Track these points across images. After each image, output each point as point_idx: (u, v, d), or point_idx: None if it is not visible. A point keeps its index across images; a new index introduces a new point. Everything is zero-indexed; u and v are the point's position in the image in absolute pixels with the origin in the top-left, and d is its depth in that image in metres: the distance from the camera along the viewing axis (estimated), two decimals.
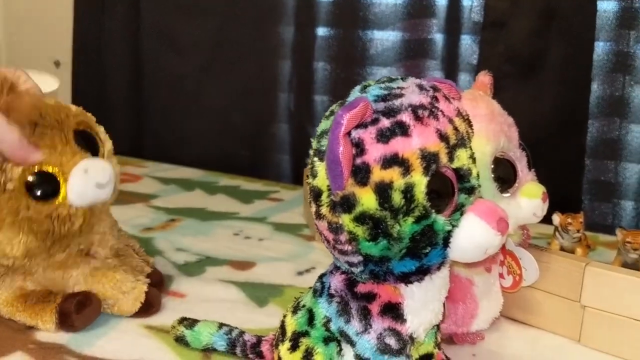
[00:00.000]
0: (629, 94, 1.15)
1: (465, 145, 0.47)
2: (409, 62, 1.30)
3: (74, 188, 0.61)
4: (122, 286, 0.68)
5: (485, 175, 0.58)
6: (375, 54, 1.32)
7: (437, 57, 1.28)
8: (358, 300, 0.50)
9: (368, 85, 0.48)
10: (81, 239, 0.67)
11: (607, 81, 1.16)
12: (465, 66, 1.25)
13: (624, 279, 0.62)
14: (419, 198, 0.44)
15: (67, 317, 0.64)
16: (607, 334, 0.64)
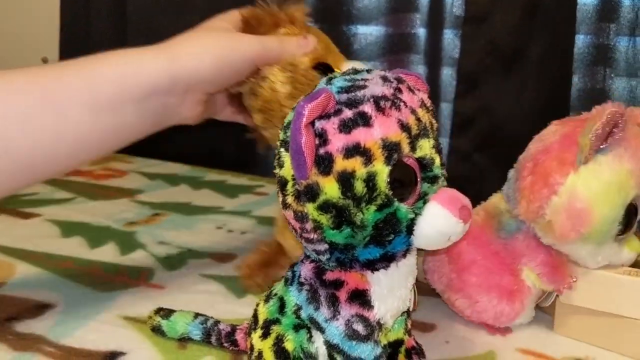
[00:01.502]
0: (609, 86, 1.16)
1: (428, 135, 0.48)
2: (392, 56, 1.31)
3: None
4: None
5: (617, 216, 0.59)
6: (359, 49, 1.33)
7: (420, 51, 1.29)
8: (326, 287, 0.51)
9: (333, 78, 0.49)
10: None
11: (588, 74, 1.18)
12: (448, 60, 1.26)
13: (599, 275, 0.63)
14: (381, 187, 0.45)
15: None
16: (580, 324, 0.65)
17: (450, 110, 1.26)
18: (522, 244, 0.64)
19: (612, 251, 0.62)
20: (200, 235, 0.95)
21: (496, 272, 0.65)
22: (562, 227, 0.59)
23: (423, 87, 0.53)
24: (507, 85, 1.20)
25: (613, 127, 0.58)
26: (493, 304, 0.65)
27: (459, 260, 0.67)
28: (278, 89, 0.69)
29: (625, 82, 1.15)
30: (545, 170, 0.60)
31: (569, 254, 0.62)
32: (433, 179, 0.48)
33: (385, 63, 1.32)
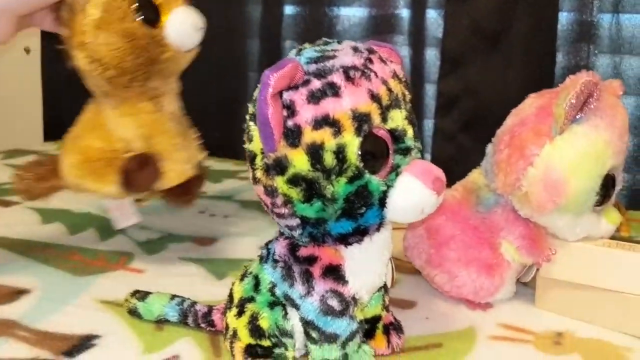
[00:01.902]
0: (593, 63, 1.16)
1: (400, 106, 0.47)
2: (376, 37, 1.30)
3: (175, 23, 0.68)
4: (177, 149, 0.71)
5: (594, 186, 0.58)
6: (342, 30, 1.31)
7: (404, 32, 1.28)
8: (300, 263, 0.50)
9: (303, 49, 0.48)
10: (157, 83, 0.71)
11: (572, 51, 1.17)
12: (432, 40, 1.25)
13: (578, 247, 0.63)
14: (351, 159, 0.44)
15: (131, 176, 0.68)
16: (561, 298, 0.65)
17: (435, 91, 1.25)
18: (501, 218, 0.64)
19: (590, 222, 0.62)
20: (182, 219, 0.94)
21: (475, 247, 0.64)
22: (539, 198, 0.58)
23: (396, 59, 0.52)
24: (491, 64, 1.19)
25: (588, 96, 0.57)
26: (472, 279, 0.64)
27: (438, 236, 0.66)
28: (88, 11, 0.66)
29: (609, 59, 1.14)
30: (522, 142, 0.60)
31: (547, 225, 0.62)
32: (405, 150, 0.47)
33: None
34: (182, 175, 0.71)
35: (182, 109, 0.79)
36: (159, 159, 0.71)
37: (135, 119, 0.71)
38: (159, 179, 0.70)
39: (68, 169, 0.72)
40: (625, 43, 1.12)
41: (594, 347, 0.59)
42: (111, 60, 0.67)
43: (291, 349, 0.53)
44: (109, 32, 0.66)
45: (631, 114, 1.13)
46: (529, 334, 0.62)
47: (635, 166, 1.14)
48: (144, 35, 0.67)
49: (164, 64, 0.70)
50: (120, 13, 0.66)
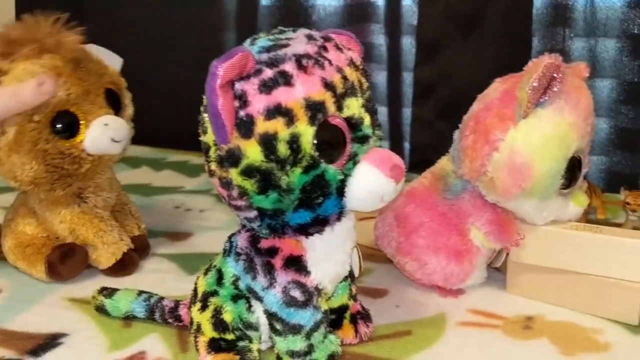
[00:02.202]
0: (569, 47, 1.15)
1: (356, 94, 0.47)
2: (353, 26, 1.29)
3: (92, 136, 0.68)
4: (103, 236, 0.72)
5: (559, 169, 0.58)
6: (318, 20, 1.30)
7: (380, 20, 1.27)
8: (262, 256, 0.50)
9: (258, 38, 0.48)
10: (81, 183, 0.72)
11: (548, 35, 1.16)
12: (407, 28, 1.24)
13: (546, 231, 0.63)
14: (306, 148, 0.44)
15: (54, 267, 0.69)
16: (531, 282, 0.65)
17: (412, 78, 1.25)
18: (468, 204, 0.64)
19: (557, 206, 0.61)
20: (157, 215, 0.93)
21: (444, 234, 0.64)
22: (504, 183, 0.58)
23: (356, 47, 0.51)
24: (466, 50, 1.18)
25: (551, 79, 0.57)
26: (442, 265, 0.64)
27: (407, 224, 0.66)
28: (5, 130, 0.65)
29: (584, 42, 1.14)
30: (486, 127, 0.59)
31: (515, 210, 0.62)
32: (363, 139, 0.47)
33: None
34: (116, 254, 0.72)
35: (118, 188, 0.80)
36: (84, 249, 0.72)
37: (58, 215, 0.72)
38: (83, 268, 0.72)
39: (6, 251, 0.73)
40: (600, 25, 1.11)
41: (563, 331, 0.59)
42: (25, 178, 0.67)
43: (256, 341, 0.52)
44: (20, 154, 0.65)
45: (607, 96, 1.13)
46: (499, 319, 0.61)
47: (613, 148, 1.14)
48: (59, 153, 0.67)
49: (83, 174, 0.70)
50: (35, 134, 0.65)
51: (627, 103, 1.11)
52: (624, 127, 1.12)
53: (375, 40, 1.29)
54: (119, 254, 0.72)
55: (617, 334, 0.59)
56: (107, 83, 0.72)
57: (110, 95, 0.72)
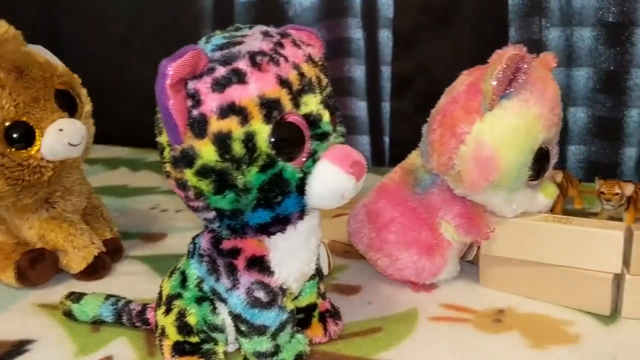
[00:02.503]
0: (546, 36, 1.15)
1: (314, 90, 0.46)
2: (329, 21, 1.28)
3: (48, 144, 0.66)
4: (74, 240, 0.71)
5: (526, 161, 0.58)
6: (294, 15, 1.29)
7: (357, 14, 1.26)
8: (224, 257, 0.49)
9: (213, 36, 0.47)
10: (47, 189, 0.71)
11: (524, 26, 1.16)
12: (384, 21, 1.23)
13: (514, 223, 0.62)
14: (262, 147, 0.43)
15: (23, 273, 0.68)
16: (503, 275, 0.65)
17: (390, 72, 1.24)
18: (438, 198, 0.63)
19: (526, 198, 0.61)
20: (132, 217, 0.93)
21: (414, 228, 0.64)
22: (472, 176, 0.58)
23: (317, 43, 0.50)
24: (443, 42, 1.18)
25: (515, 71, 0.56)
26: (413, 260, 0.64)
27: (378, 219, 0.65)
28: None
29: (560, 32, 1.13)
30: (453, 120, 0.59)
31: (484, 203, 0.62)
32: (322, 136, 0.46)
33: (323, 29, 1.29)
34: (87, 258, 0.71)
35: (88, 191, 0.79)
36: (54, 254, 0.71)
37: (26, 221, 0.71)
38: (54, 273, 0.71)
39: None
40: (575, 14, 1.11)
41: (534, 323, 0.59)
42: None
43: (222, 343, 0.52)
44: None
45: (584, 85, 1.13)
46: (471, 313, 0.61)
47: (591, 138, 1.14)
48: (17, 166, 0.65)
49: (47, 182, 0.68)
50: None
51: (604, 92, 1.11)
52: (601, 116, 1.12)
53: (352, 35, 1.28)
54: (90, 257, 0.71)
55: (588, 325, 0.58)
56: (57, 84, 0.69)
57: (62, 96, 0.69)
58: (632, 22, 1.06)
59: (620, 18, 1.07)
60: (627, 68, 1.08)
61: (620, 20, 1.07)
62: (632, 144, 1.11)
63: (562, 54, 1.13)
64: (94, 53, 1.46)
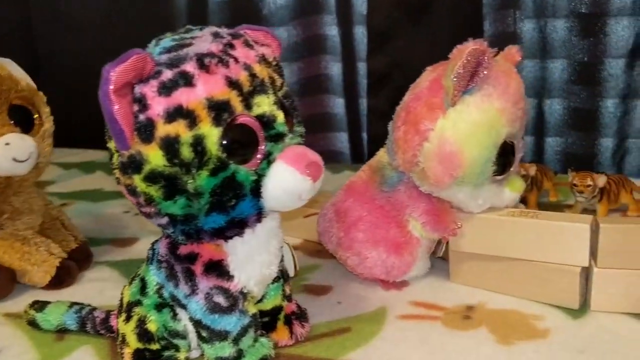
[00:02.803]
0: (520, 29, 1.14)
1: (267, 91, 0.45)
2: (305, 18, 1.27)
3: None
4: (31, 258, 0.69)
5: (490, 156, 0.57)
6: (269, 14, 1.28)
7: (332, 11, 1.25)
8: (181, 262, 0.48)
9: (162, 38, 0.46)
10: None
11: (499, 18, 1.15)
12: (359, 18, 1.23)
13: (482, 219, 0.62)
14: (212, 150, 0.42)
15: None
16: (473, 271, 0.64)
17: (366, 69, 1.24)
18: (405, 195, 0.63)
19: (492, 193, 0.61)
20: (104, 221, 0.92)
21: (382, 226, 0.63)
22: (436, 173, 0.57)
23: (273, 43, 0.50)
24: (418, 38, 1.17)
25: (477, 65, 0.56)
26: (382, 259, 0.63)
27: (346, 218, 0.65)
28: None
29: (534, 24, 1.13)
30: (416, 117, 0.58)
31: (450, 199, 0.61)
32: (277, 137, 0.45)
33: (298, 27, 1.28)
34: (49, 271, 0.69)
35: (42, 207, 0.76)
36: (9, 270, 0.69)
37: None
38: (12, 287, 0.69)
39: None
40: (548, 6, 1.11)
41: (503, 319, 0.59)
42: None
43: (184, 350, 0.51)
44: None
45: (559, 77, 1.12)
46: (440, 310, 0.61)
47: (567, 129, 1.14)
48: None
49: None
50: None
51: (579, 83, 1.11)
52: (577, 107, 1.12)
53: (328, 32, 1.27)
54: (52, 270, 0.69)
55: (557, 320, 0.58)
56: (14, 99, 0.67)
57: (18, 112, 0.68)
58: (604, 13, 1.06)
59: (592, 9, 1.07)
60: (601, 59, 1.08)
61: (593, 11, 1.07)
62: (608, 134, 1.12)
63: (537, 45, 1.13)
64: (69, 55, 1.45)
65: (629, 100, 1.09)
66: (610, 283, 0.58)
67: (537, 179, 0.87)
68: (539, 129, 1.17)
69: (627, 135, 1.11)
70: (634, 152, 1.12)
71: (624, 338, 0.54)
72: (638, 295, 0.57)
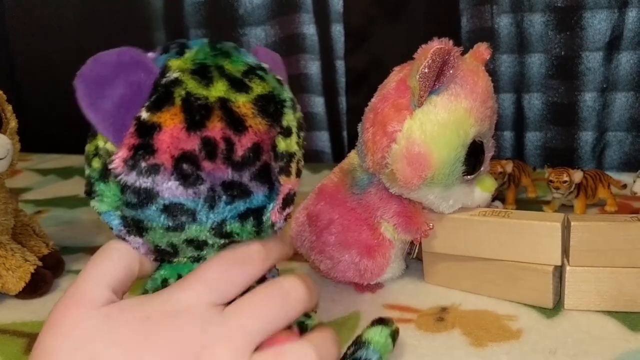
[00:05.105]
0: (498, 24, 1.14)
1: None
2: (281, 18, 1.26)
3: None
4: (5, 262, 0.68)
5: (459, 156, 0.56)
6: (245, 14, 1.27)
7: (308, 10, 1.24)
8: None
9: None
10: None
11: (476, 14, 1.15)
12: (335, 16, 1.22)
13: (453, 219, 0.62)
14: None
15: None
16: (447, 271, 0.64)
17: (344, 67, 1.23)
18: (375, 197, 0.62)
19: (463, 193, 0.60)
20: (78, 229, 0.90)
21: (354, 229, 0.62)
22: (404, 174, 0.57)
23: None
24: (395, 35, 1.16)
25: (442, 65, 0.55)
26: (355, 262, 0.62)
27: (318, 222, 0.64)
28: None
29: (511, 18, 1.13)
30: (384, 118, 0.58)
31: (420, 200, 0.60)
32: None
33: (276, 26, 1.27)
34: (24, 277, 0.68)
35: (14, 210, 0.75)
36: None
37: None
38: None
39: None
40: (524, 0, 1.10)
41: (476, 319, 0.58)
42: None
43: None
44: None
45: (537, 72, 1.12)
46: (414, 313, 0.60)
47: (546, 124, 1.14)
48: None
49: None
50: None
51: (557, 77, 1.11)
52: (555, 102, 1.12)
53: (306, 31, 1.26)
54: (27, 276, 0.68)
55: (531, 320, 0.58)
56: None
57: None
58: (580, 6, 1.06)
59: (569, 2, 1.07)
60: (578, 52, 1.08)
61: (569, 4, 1.07)
62: (587, 128, 1.11)
63: (514, 40, 1.13)
64: (46, 59, 1.43)
65: (608, 94, 1.09)
66: (583, 281, 0.58)
67: (514, 176, 0.87)
68: (518, 124, 1.17)
69: (607, 128, 1.11)
70: (614, 146, 1.12)
71: (595, 337, 0.54)
72: (611, 292, 0.57)
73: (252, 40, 1.28)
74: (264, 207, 0.35)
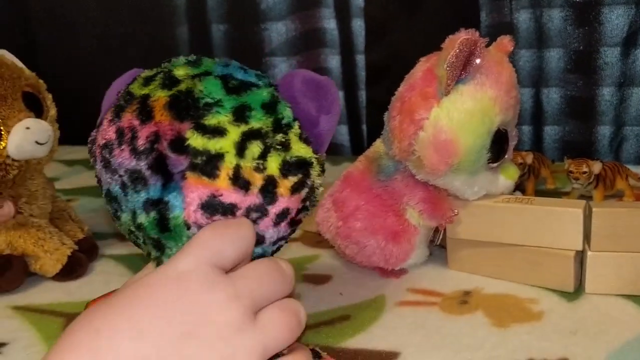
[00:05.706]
0: (517, 19, 1.15)
1: None
2: (303, 12, 1.28)
3: (15, 141, 0.67)
4: (44, 245, 0.71)
5: (484, 143, 0.58)
6: (267, 9, 1.30)
7: (329, 4, 1.26)
8: None
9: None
10: (12, 191, 0.71)
11: (495, 9, 1.16)
12: (356, 10, 1.24)
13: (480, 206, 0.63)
14: None
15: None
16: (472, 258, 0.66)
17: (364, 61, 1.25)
18: (401, 184, 0.64)
19: (487, 180, 0.62)
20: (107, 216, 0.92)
21: (380, 215, 0.64)
22: (431, 161, 0.58)
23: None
24: (415, 29, 1.18)
25: (469, 55, 0.57)
26: (380, 247, 0.64)
27: (344, 208, 0.66)
28: None
29: (530, 13, 1.14)
30: (411, 107, 0.59)
31: (446, 187, 0.62)
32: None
33: (296, 21, 1.29)
34: (61, 259, 0.70)
35: (52, 194, 0.79)
36: (22, 259, 0.70)
37: None
38: (24, 278, 0.70)
39: None
40: None
41: (498, 302, 0.60)
42: None
43: None
44: None
45: (556, 66, 1.13)
46: (438, 296, 0.62)
47: (564, 118, 1.15)
48: None
49: (11, 181, 0.70)
50: None
51: (575, 72, 1.12)
52: (574, 96, 1.13)
53: (327, 25, 1.28)
54: (64, 259, 0.71)
55: (552, 303, 0.59)
56: (24, 86, 0.71)
57: (29, 99, 0.71)
58: (598, 2, 1.07)
59: None
60: (596, 47, 1.09)
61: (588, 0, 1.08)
62: (605, 122, 1.13)
63: (533, 35, 1.14)
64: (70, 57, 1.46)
65: (625, 88, 1.10)
66: (604, 266, 0.59)
67: (534, 167, 0.89)
68: (537, 118, 1.18)
69: (624, 122, 1.12)
70: (631, 140, 1.13)
71: (615, 319, 0.56)
72: (630, 277, 0.59)
73: (272, 35, 1.30)
74: (161, 199, 0.34)
